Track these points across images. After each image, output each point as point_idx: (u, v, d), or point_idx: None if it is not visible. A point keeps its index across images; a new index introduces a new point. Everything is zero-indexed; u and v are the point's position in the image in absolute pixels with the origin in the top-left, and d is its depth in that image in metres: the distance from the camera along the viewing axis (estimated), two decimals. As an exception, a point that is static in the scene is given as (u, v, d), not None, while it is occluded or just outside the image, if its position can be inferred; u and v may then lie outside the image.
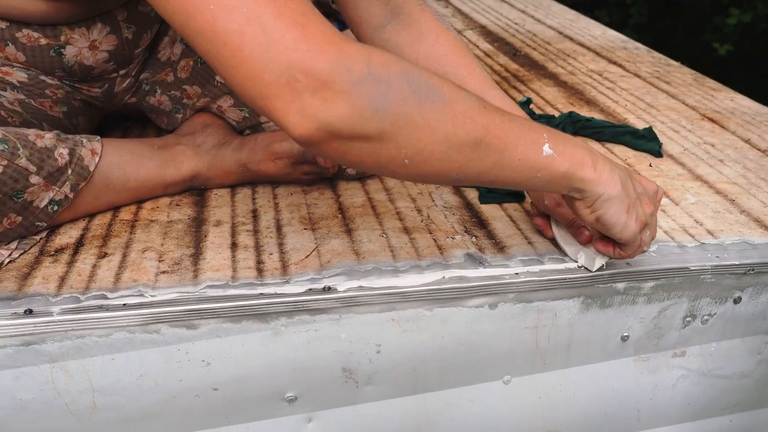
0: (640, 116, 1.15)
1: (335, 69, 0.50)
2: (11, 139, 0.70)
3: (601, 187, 0.63)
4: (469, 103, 0.56)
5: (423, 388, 0.75)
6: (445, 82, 0.56)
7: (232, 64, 0.51)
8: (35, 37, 0.81)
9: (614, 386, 0.81)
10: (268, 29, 0.49)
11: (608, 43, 1.61)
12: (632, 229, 0.66)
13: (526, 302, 0.73)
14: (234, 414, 0.71)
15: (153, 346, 0.65)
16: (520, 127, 0.59)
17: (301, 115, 0.50)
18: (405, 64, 0.54)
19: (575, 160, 0.61)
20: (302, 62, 0.49)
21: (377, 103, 0.51)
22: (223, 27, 0.50)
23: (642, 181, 0.69)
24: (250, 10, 0.50)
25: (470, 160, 0.57)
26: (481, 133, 0.56)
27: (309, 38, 0.50)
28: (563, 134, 0.63)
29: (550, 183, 0.62)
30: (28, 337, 0.63)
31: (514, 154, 0.58)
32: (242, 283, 0.68)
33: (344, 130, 0.51)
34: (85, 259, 0.72)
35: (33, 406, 0.65)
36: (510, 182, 0.61)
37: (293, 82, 0.49)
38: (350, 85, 0.50)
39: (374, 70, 0.51)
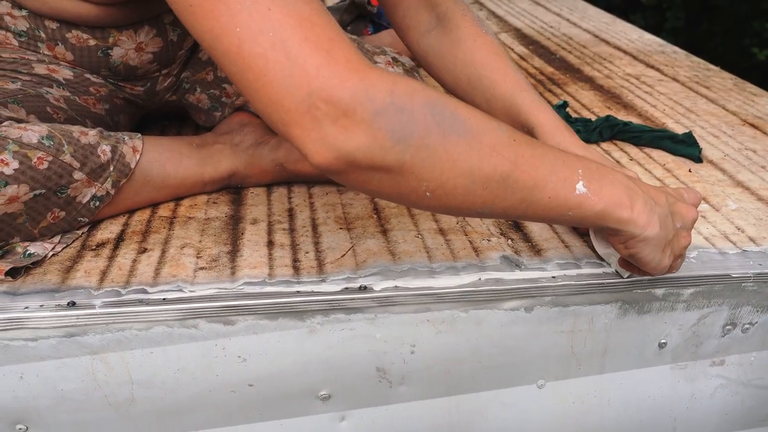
0: (678, 121, 1.14)
1: (356, 97, 0.48)
2: (57, 135, 0.72)
3: (638, 229, 0.60)
4: (497, 135, 0.54)
5: (456, 390, 0.75)
6: (473, 112, 0.54)
7: (255, 88, 0.50)
8: (84, 38, 0.83)
9: (650, 394, 0.80)
10: (292, 54, 0.49)
11: (645, 47, 1.59)
12: (665, 265, 0.64)
13: (562, 306, 0.72)
14: (268, 410, 0.71)
15: (191, 340, 0.66)
16: (553, 162, 0.56)
17: (321, 144, 0.49)
18: (431, 93, 0.52)
19: (612, 200, 0.58)
20: (323, 89, 0.48)
21: (399, 134, 0.49)
22: (248, 50, 0.49)
23: (682, 211, 0.64)
24: (275, 35, 0.49)
25: (496, 195, 0.54)
26: (509, 168, 0.53)
27: (332, 65, 0.49)
28: (602, 169, 0.59)
29: (582, 221, 0.59)
30: (71, 329, 0.64)
31: (543, 191, 0.55)
32: (279, 281, 0.69)
33: (364, 160, 0.50)
34: (126, 254, 0.73)
35: (73, 396, 0.66)
36: (539, 219, 0.59)
37: (314, 109, 0.48)
38: (371, 114, 0.49)
39: (397, 99, 0.50)
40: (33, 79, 0.81)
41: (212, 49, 0.52)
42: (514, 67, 0.82)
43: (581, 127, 1.06)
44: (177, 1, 0.52)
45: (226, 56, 0.51)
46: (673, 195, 0.65)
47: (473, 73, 0.83)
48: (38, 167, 0.69)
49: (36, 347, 0.64)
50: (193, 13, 0.51)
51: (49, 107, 0.79)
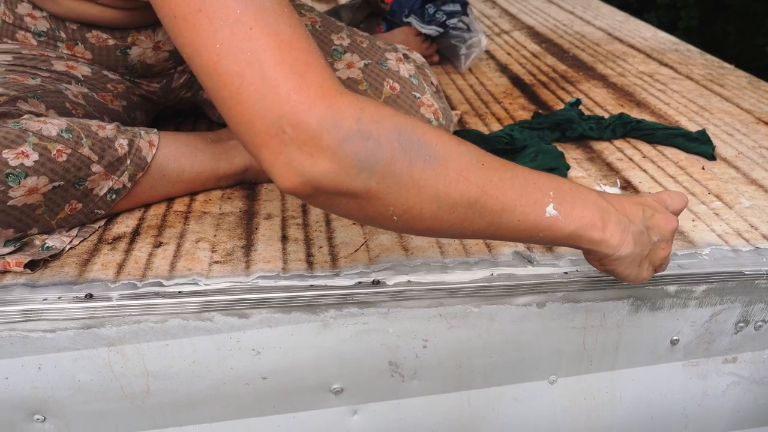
0: (692, 119, 1.13)
1: (323, 124, 0.49)
2: (76, 129, 0.73)
3: (610, 249, 0.59)
4: (465, 160, 0.53)
5: (468, 385, 0.75)
6: (442, 138, 0.53)
7: (229, 105, 0.50)
8: (104, 38, 0.84)
9: (662, 390, 0.80)
10: (267, 76, 0.49)
11: (659, 45, 1.58)
12: (643, 278, 0.64)
13: (574, 302, 0.72)
14: (281, 403, 0.72)
15: (205, 333, 0.67)
16: (523, 185, 0.56)
17: (287, 168, 0.50)
18: (399, 119, 0.52)
19: (583, 222, 0.58)
20: (292, 114, 0.48)
21: (364, 161, 0.50)
22: (225, 67, 0.50)
23: (660, 223, 0.63)
24: (253, 55, 0.49)
25: (464, 219, 0.54)
26: (476, 193, 0.53)
27: (303, 90, 0.49)
28: (576, 190, 0.59)
29: (554, 242, 0.59)
30: (88, 321, 0.65)
31: (512, 214, 0.55)
32: (293, 275, 0.70)
33: (329, 186, 0.50)
34: (142, 248, 0.74)
35: (90, 387, 0.67)
36: (510, 239, 0.59)
37: (281, 133, 0.49)
38: (337, 141, 0.49)
39: (364, 126, 0.50)
40: (52, 76, 0.82)
41: (191, 61, 0.52)
42: None
43: (594, 125, 1.06)
44: (162, 10, 0.52)
45: (204, 70, 0.51)
46: (651, 206, 0.63)
47: None
48: (57, 159, 0.70)
49: (54, 338, 0.65)
50: (176, 24, 0.52)
51: (67, 103, 0.80)
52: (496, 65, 1.46)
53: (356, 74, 0.90)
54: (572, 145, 1.04)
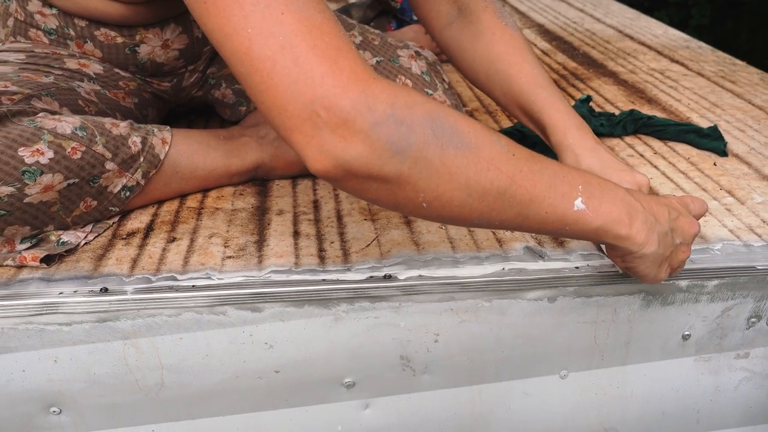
0: (704, 115, 1.13)
1: (357, 108, 0.49)
2: (89, 126, 0.74)
3: (635, 246, 0.60)
4: (496, 149, 0.54)
5: (479, 380, 0.75)
6: (473, 126, 0.54)
7: (261, 90, 0.51)
8: (112, 35, 0.85)
9: (673, 386, 0.80)
10: (299, 60, 0.49)
11: (670, 42, 1.58)
12: (661, 278, 0.64)
13: (585, 296, 0.72)
14: (294, 397, 0.73)
15: (219, 327, 0.68)
16: (552, 178, 0.56)
17: (320, 151, 0.50)
18: (432, 106, 0.52)
19: (610, 217, 0.58)
20: (325, 98, 0.49)
21: (397, 146, 0.50)
22: (257, 52, 0.50)
23: (683, 226, 0.64)
24: (285, 39, 0.49)
25: (492, 209, 0.54)
26: (506, 182, 0.54)
27: (336, 74, 0.49)
28: (604, 185, 0.59)
29: (580, 235, 0.59)
30: (103, 314, 0.66)
31: (540, 206, 0.55)
32: (305, 269, 0.70)
33: (361, 169, 0.50)
34: (155, 243, 0.75)
35: (105, 380, 0.68)
36: (536, 231, 0.59)
37: (315, 117, 0.49)
38: (370, 125, 0.49)
39: (398, 111, 0.50)
40: (65, 74, 0.83)
41: (221, 47, 0.52)
42: (533, 62, 0.82)
43: (605, 121, 1.06)
44: None
45: (235, 56, 0.51)
46: (676, 208, 0.64)
47: (491, 68, 0.83)
48: (72, 157, 0.71)
49: (70, 332, 0.66)
50: (206, 9, 0.52)
51: (80, 100, 0.81)
52: (506, 63, 1.45)
53: (368, 71, 0.90)
54: (583, 141, 1.04)
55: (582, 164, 0.74)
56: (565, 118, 0.77)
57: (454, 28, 0.86)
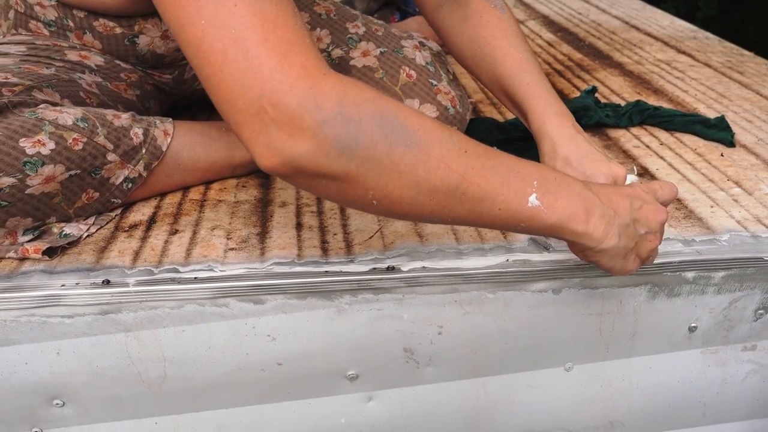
0: (711, 106, 1.12)
1: (304, 105, 0.48)
2: (91, 117, 0.73)
3: (593, 242, 0.58)
4: (447, 147, 0.53)
5: (483, 372, 0.75)
6: (425, 123, 0.53)
7: (212, 83, 0.50)
8: (111, 26, 0.85)
9: (679, 378, 0.80)
10: (249, 54, 0.48)
11: (677, 33, 1.56)
12: (629, 269, 0.63)
13: (590, 288, 0.72)
14: (297, 389, 0.72)
15: (221, 319, 0.67)
16: (506, 174, 0.55)
17: (267, 148, 0.49)
18: (382, 103, 0.51)
19: (565, 213, 0.57)
20: (273, 93, 0.48)
21: (344, 144, 0.49)
22: (209, 44, 0.49)
23: (648, 215, 0.62)
24: (237, 32, 0.49)
25: (443, 206, 0.54)
26: (457, 180, 0.53)
27: (285, 69, 0.48)
28: (561, 181, 0.58)
29: (536, 232, 0.58)
30: (106, 306, 0.65)
31: (493, 203, 0.55)
32: (308, 261, 0.70)
33: (308, 167, 0.50)
34: (158, 235, 0.75)
35: (108, 372, 0.68)
36: (491, 227, 0.58)
37: (262, 112, 0.48)
38: (318, 123, 0.48)
39: (346, 109, 0.49)
40: (66, 65, 0.83)
41: (177, 37, 0.52)
42: (519, 47, 0.80)
43: (611, 112, 1.05)
44: None
45: (189, 47, 0.51)
46: (640, 197, 0.62)
47: (477, 51, 0.82)
48: (73, 148, 0.70)
49: (72, 324, 0.65)
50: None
51: (81, 92, 0.81)
52: (511, 54, 1.44)
53: (372, 62, 0.90)
54: (588, 132, 1.02)
55: (559, 152, 0.73)
56: (545, 105, 0.76)
57: (444, 10, 0.85)
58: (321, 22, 0.93)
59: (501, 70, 0.80)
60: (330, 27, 0.93)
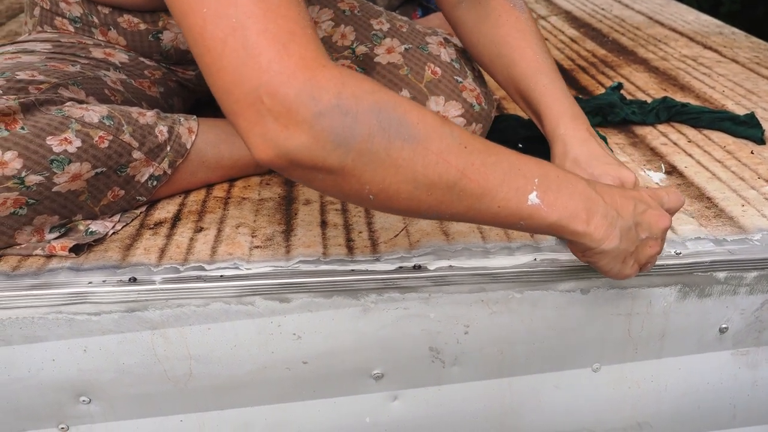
0: (739, 102, 1.10)
1: (301, 96, 0.47)
2: (116, 115, 0.73)
3: (594, 243, 0.57)
4: (446, 142, 0.52)
5: (509, 372, 0.74)
6: (424, 117, 0.52)
7: (211, 72, 0.49)
8: (135, 22, 0.85)
9: (709, 380, 0.78)
10: (249, 44, 0.48)
11: (702, 29, 1.54)
12: (626, 274, 0.61)
13: (619, 288, 0.71)
14: (322, 388, 0.72)
15: (247, 317, 0.67)
16: (506, 171, 0.54)
17: (263, 139, 0.48)
18: (381, 96, 0.50)
19: (566, 212, 0.55)
20: (270, 84, 0.47)
21: (340, 137, 0.48)
22: (210, 32, 0.49)
23: (651, 220, 0.60)
24: (237, 21, 0.48)
25: (441, 202, 0.53)
26: (455, 176, 0.52)
27: (284, 59, 0.47)
28: (564, 179, 0.56)
29: (536, 230, 0.57)
30: (132, 304, 0.65)
31: (493, 200, 0.53)
32: (333, 260, 0.69)
33: (304, 160, 0.49)
34: (183, 233, 0.75)
35: (134, 370, 0.68)
36: (490, 224, 0.57)
37: (258, 103, 0.47)
38: (314, 115, 0.47)
39: (343, 102, 0.48)
40: (91, 62, 0.83)
41: (180, 24, 0.51)
42: (536, 47, 0.79)
43: (636, 109, 1.03)
44: None
45: (190, 35, 0.50)
46: (645, 201, 0.61)
47: (494, 51, 0.81)
48: (99, 146, 0.70)
49: (99, 321, 0.66)
50: None
51: (106, 89, 0.81)
52: (533, 50, 1.43)
53: (397, 59, 0.89)
54: (614, 129, 1.02)
55: (569, 154, 0.72)
56: (559, 107, 0.75)
57: (463, 7, 0.85)
58: (345, 18, 0.93)
59: (517, 70, 0.79)
60: (354, 23, 0.93)
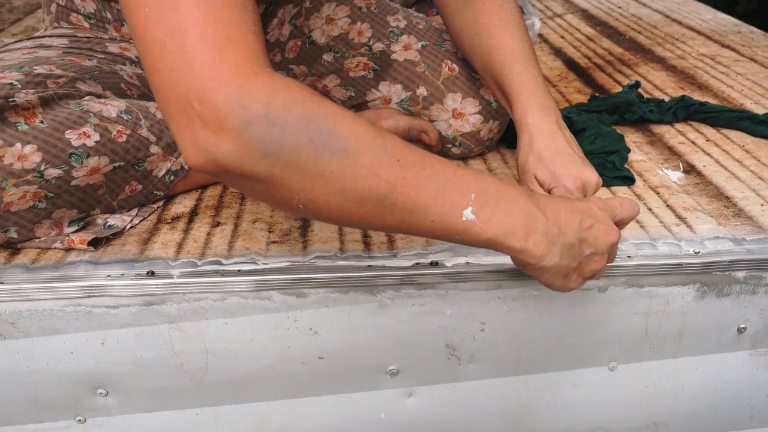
0: (758, 102, 1.09)
1: (230, 104, 0.47)
2: (134, 110, 0.74)
3: (533, 259, 0.56)
4: (378, 155, 0.51)
5: (525, 370, 0.74)
6: (357, 129, 0.51)
7: (150, 72, 0.50)
8: None
9: (727, 380, 0.78)
10: (185, 47, 0.48)
11: (720, 27, 1.53)
12: (569, 288, 0.60)
13: (637, 287, 0.70)
14: (337, 384, 0.72)
15: (264, 312, 0.67)
16: (441, 186, 0.53)
17: (192, 145, 0.48)
18: (313, 107, 0.49)
19: (503, 229, 0.54)
20: (201, 90, 0.47)
21: (267, 147, 0.48)
22: (151, 33, 0.49)
23: (597, 235, 0.59)
24: (177, 23, 0.48)
25: (372, 215, 0.52)
26: (386, 189, 0.51)
27: (217, 66, 0.47)
28: (505, 194, 0.55)
29: (473, 245, 0.56)
30: (150, 298, 0.66)
31: (425, 214, 0.53)
32: (350, 255, 0.69)
33: (232, 167, 0.49)
34: (200, 227, 0.75)
35: (151, 363, 0.68)
36: (427, 237, 0.56)
37: (189, 108, 0.47)
38: (242, 124, 0.47)
39: (272, 112, 0.48)
40: (107, 57, 0.83)
41: (127, 22, 0.51)
42: (516, 36, 0.78)
43: (654, 107, 1.03)
44: None
45: (134, 33, 0.50)
46: (592, 216, 0.59)
47: (474, 38, 0.81)
48: (117, 140, 0.71)
49: (117, 314, 0.66)
50: None
51: (123, 83, 0.81)
52: (549, 48, 1.43)
53: (414, 56, 0.89)
54: (632, 128, 1.01)
55: (534, 148, 0.71)
56: (530, 97, 0.74)
57: None
58: (361, 15, 0.93)
59: (494, 58, 0.78)
60: (371, 20, 0.93)
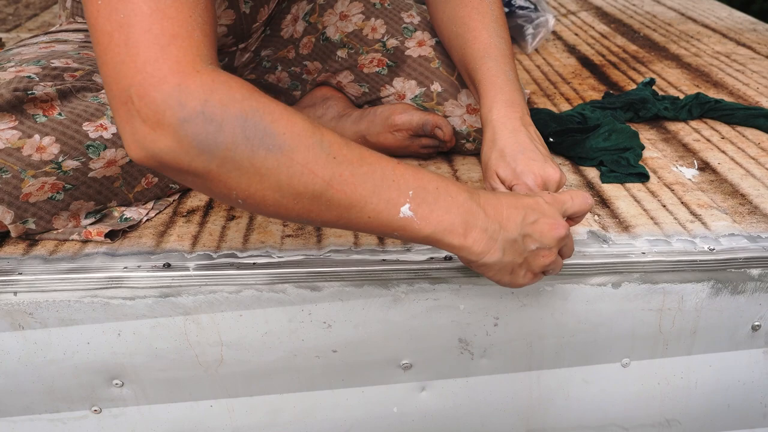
0: (773, 99, 1.08)
1: (168, 101, 0.48)
2: (152, 103, 0.74)
3: (473, 256, 0.57)
4: (313, 152, 0.51)
5: (538, 365, 0.74)
6: (293, 127, 0.51)
7: (99, 63, 0.51)
8: None
9: (740, 378, 0.77)
10: (131, 42, 0.49)
11: (736, 25, 1.52)
12: (519, 284, 0.61)
13: (651, 283, 0.70)
14: (350, 377, 0.73)
15: (278, 305, 0.68)
16: (378, 183, 0.54)
17: (132, 139, 0.49)
18: (250, 104, 0.50)
19: (441, 226, 0.55)
20: (141, 86, 0.48)
21: (204, 145, 0.49)
22: (101, 25, 0.50)
23: (543, 230, 0.58)
24: (125, 17, 0.49)
25: (309, 210, 0.53)
26: (321, 186, 0.52)
27: (159, 62, 0.48)
28: (444, 191, 0.56)
29: (412, 241, 0.57)
30: (166, 290, 0.66)
31: (362, 211, 0.54)
32: (364, 249, 0.70)
33: (170, 163, 0.50)
34: (215, 221, 0.75)
35: (166, 354, 0.69)
36: (366, 232, 0.57)
37: (129, 103, 0.48)
38: (179, 121, 0.48)
39: (209, 109, 0.48)
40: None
41: (84, 10, 0.52)
42: (492, 31, 0.78)
43: (669, 105, 1.02)
44: None
45: (88, 22, 0.51)
46: (538, 210, 0.59)
47: (452, 31, 0.81)
48: (135, 133, 0.71)
49: (133, 306, 0.67)
50: None
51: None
52: (563, 46, 1.42)
53: (428, 52, 0.89)
54: (646, 125, 1.01)
55: (497, 144, 0.70)
56: (497, 93, 0.73)
57: None
58: (375, 12, 0.93)
59: (468, 51, 0.78)
60: (385, 17, 0.93)
